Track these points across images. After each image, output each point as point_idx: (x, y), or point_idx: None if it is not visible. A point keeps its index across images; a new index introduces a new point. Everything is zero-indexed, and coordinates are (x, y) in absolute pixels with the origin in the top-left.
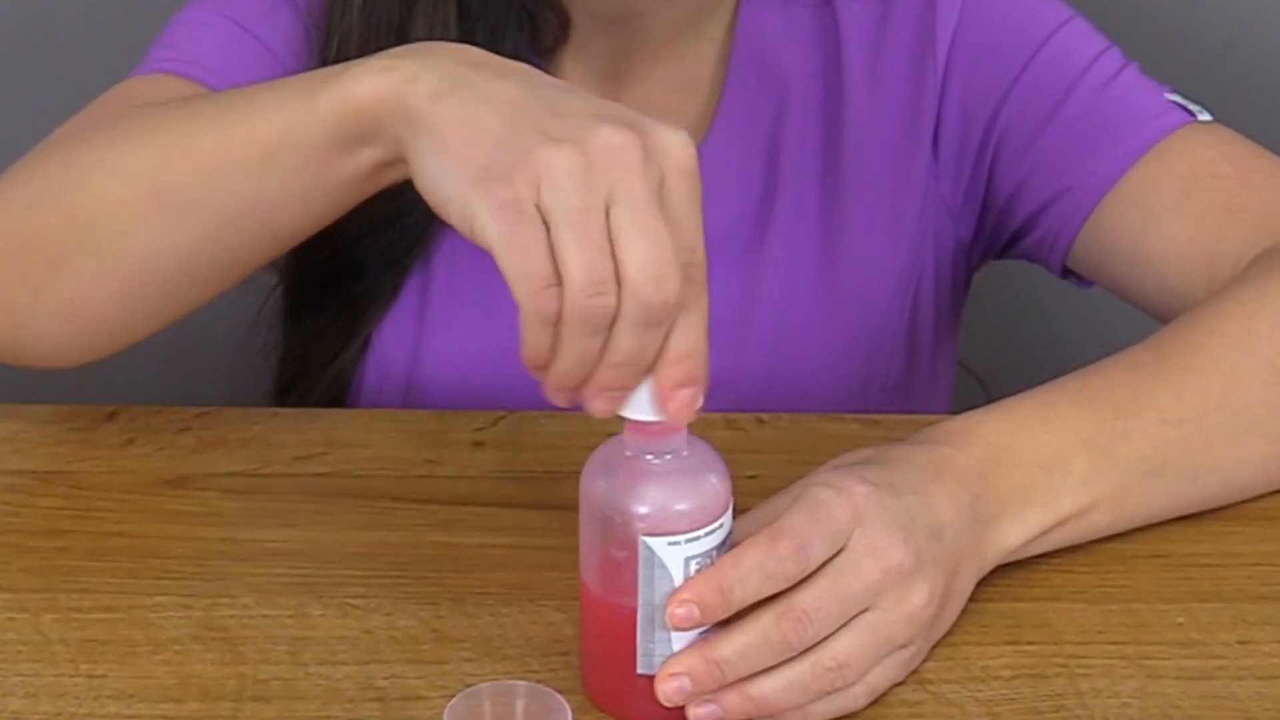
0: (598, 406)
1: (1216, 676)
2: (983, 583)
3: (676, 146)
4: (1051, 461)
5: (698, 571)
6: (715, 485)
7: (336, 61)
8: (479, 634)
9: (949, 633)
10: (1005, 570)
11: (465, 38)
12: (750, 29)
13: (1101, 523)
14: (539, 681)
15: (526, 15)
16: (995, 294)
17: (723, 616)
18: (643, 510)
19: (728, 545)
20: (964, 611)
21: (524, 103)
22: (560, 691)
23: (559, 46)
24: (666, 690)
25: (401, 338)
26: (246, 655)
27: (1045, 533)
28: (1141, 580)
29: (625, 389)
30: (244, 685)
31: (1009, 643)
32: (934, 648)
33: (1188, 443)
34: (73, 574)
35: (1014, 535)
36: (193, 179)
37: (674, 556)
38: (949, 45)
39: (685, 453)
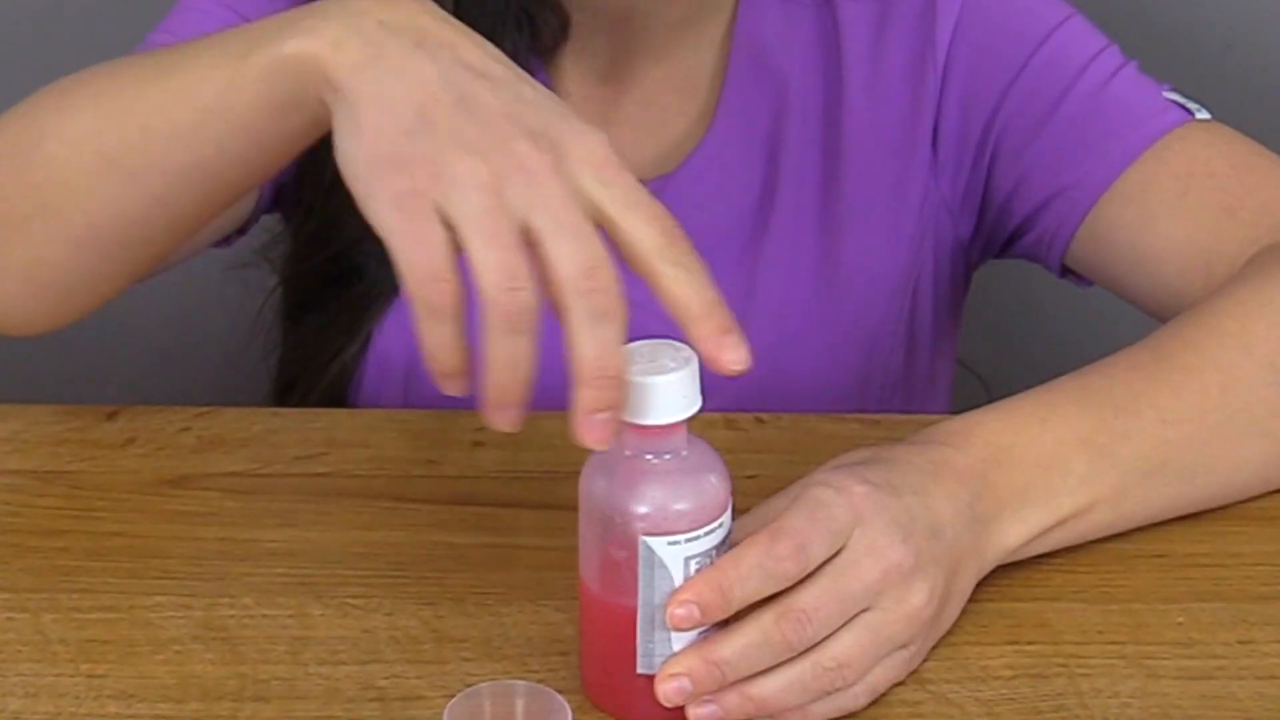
0: (587, 437)
1: (1217, 676)
2: (983, 583)
3: (591, 148)
4: (1051, 461)
5: (697, 571)
6: (715, 485)
7: None
8: (479, 634)
9: (949, 633)
10: (1005, 570)
11: None
12: (749, 28)
13: (1101, 522)
14: (539, 681)
15: (525, 16)
16: (995, 293)
17: (723, 616)
18: (642, 510)
19: (727, 545)
20: (964, 611)
21: (436, 86)
22: (560, 691)
23: (558, 47)
24: (666, 691)
25: (401, 336)
26: (246, 655)
27: (1045, 532)
28: (1141, 580)
29: (611, 406)
30: (244, 685)
31: (1009, 643)
32: (934, 648)
33: (1187, 442)
34: (73, 574)
35: (1014, 535)
36: (136, 143)
37: (674, 556)
38: (949, 44)
39: (685, 452)
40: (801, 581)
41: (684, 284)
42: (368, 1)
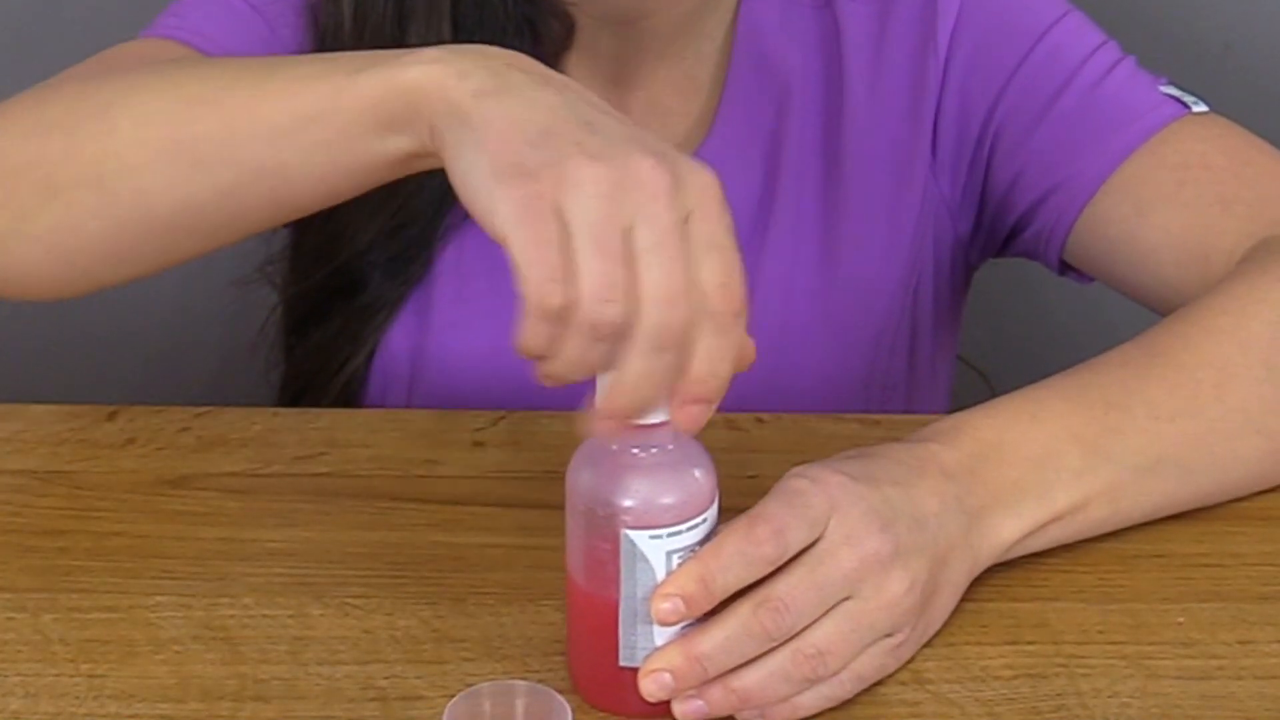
0: (602, 429)
1: (1216, 676)
2: (981, 582)
3: (705, 184)
4: (1043, 456)
5: (678, 565)
6: (700, 480)
7: None
8: (479, 634)
9: (948, 632)
10: (1005, 570)
11: None
12: (750, 28)
13: (1098, 518)
14: (539, 681)
15: (526, 23)
16: (996, 293)
17: (707, 608)
18: (626, 504)
19: (707, 540)
20: (964, 611)
21: (563, 112)
22: (560, 691)
23: (562, 53)
24: (649, 686)
25: (406, 344)
26: (246, 655)
27: (1041, 528)
28: (1141, 580)
29: (631, 416)
30: (244, 685)
31: (1009, 643)
32: (933, 647)
33: (1182, 438)
34: (73, 574)
35: (1008, 529)
36: (216, 134)
37: (656, 550)
38: (949, 42)
39: (670, 446)
40: (778, 571)
41: (706, 344)
42: (493, 49)
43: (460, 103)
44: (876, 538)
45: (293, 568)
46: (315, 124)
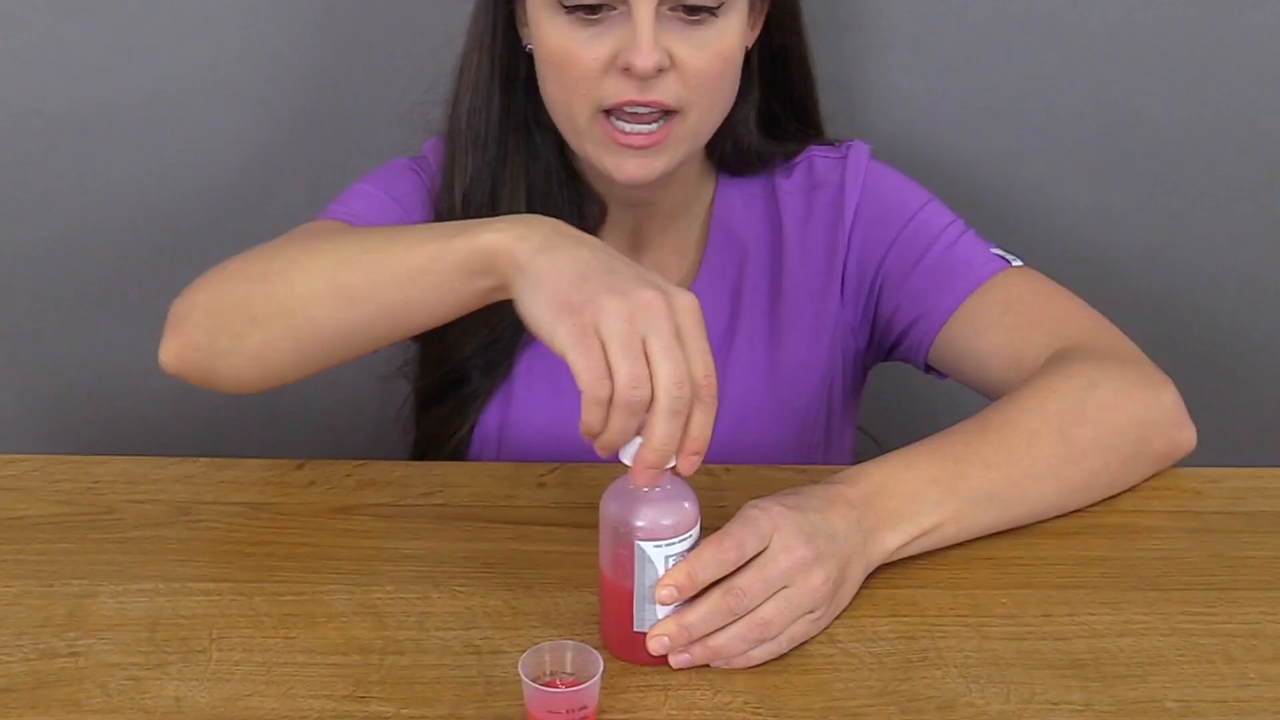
0: (640, 479)
1: (1027, 639)
2: (873, 576)
3: (688, 304)
4: (913, 493)
5: (673, 565)
6: (687, 509)
7: None
8: (542, 610)
9: (851, 609)
10: (888, 567)
11: None
12: (721, 212)
13: (949, 533)
14: (581, 641)
15: (575, 206)
16: (883, 384)
17: (692, 594)
18: (639, 524)
19: (695, 549)
20: (861, 596)
21: (594, 262)
22: (595, 648)
23: (599, 226)
24: (653, 645)
25: (495, 421)
26: (389, 624)
27: (912, 540)
28: (979, 575)
29: (660, 466)
30: (387, 644)
31: (891, 615)
32: (841, 619)
33: (1004, 481)
34: (274, 570)
35: (891, 541)
36: (361, 282)
37: (658, 555)
38: (851, 221)
39: (668, 486)
40: (738, 570)
41: (696, 416)
42: (543, 218)
43: (521, 258)
44: (804, 547)
45: (419, 566)
46: (426, 274)
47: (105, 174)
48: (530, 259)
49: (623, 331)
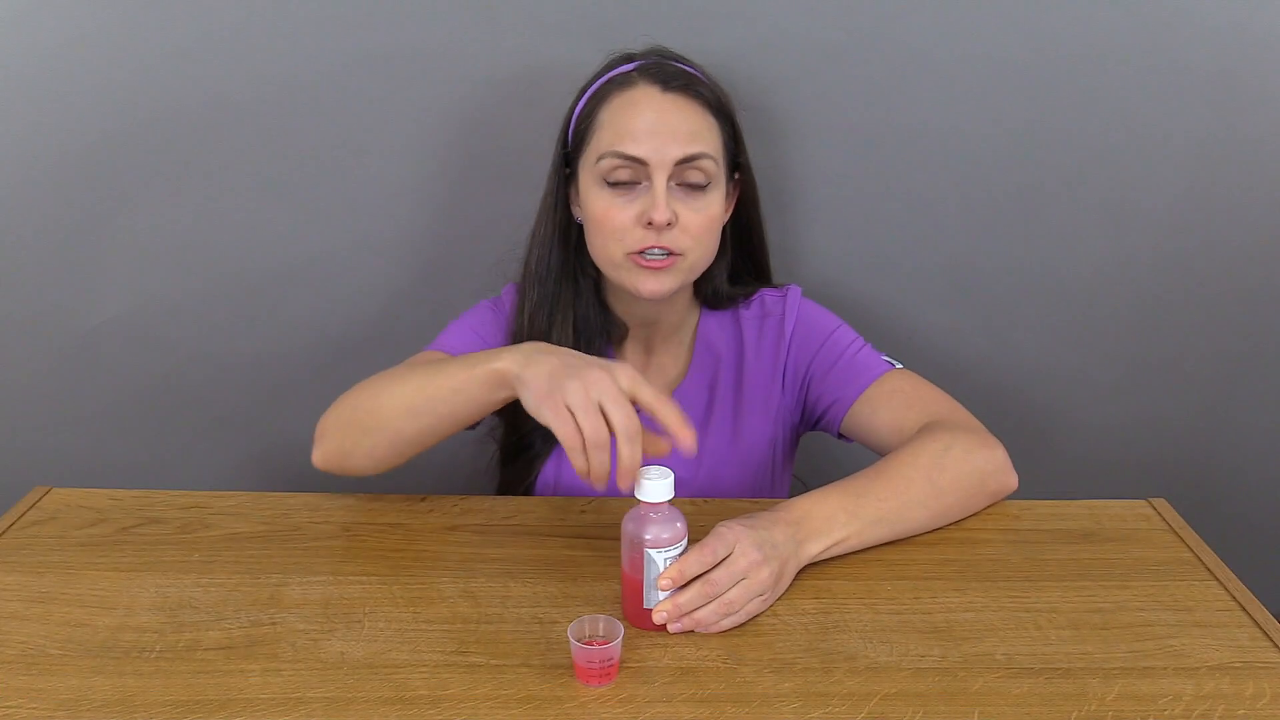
0: (625, 485)
1: (904, 613)
2: (802, 572)
3: (625, 372)
4: (828, 518)
5: (669, 564)
6: (679, 527)
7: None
8: (584, 593)
9: (787, 594)
10: (811, 567)
11: (577, 342)
12: (704, 331)
13: (853, 544)
14: (609, 614)
15: (605, 328)
16: (812, 447)
17: (682, 584)
18: (647, 537)
19: (683, 554)
20: (794, 585)
21: (559, 365)
22: (619, 619)
23: (622, 342)
24: (656, 618)
25: (552, 473)
26: (481, 603)
27: (827, 548)
28: (872, 571)
29: (634, 474)
30: (481, 617)
31: (814, 598)
32: (780, 601)
33: (890, 510)
34: (406, 568)
35: (814, 548)
36: (422, 401)
37: (659, 557)
38: (790, 337)
39: (666, 511)
40: (713, 568)
41: (668, 411)
42: (531, 344)
43: (517, 373)
44: (756, 553)
45: (502, 566)
46: (460, 392)
47: (298, 312)
48: (521, 372)
49: (581, 400)
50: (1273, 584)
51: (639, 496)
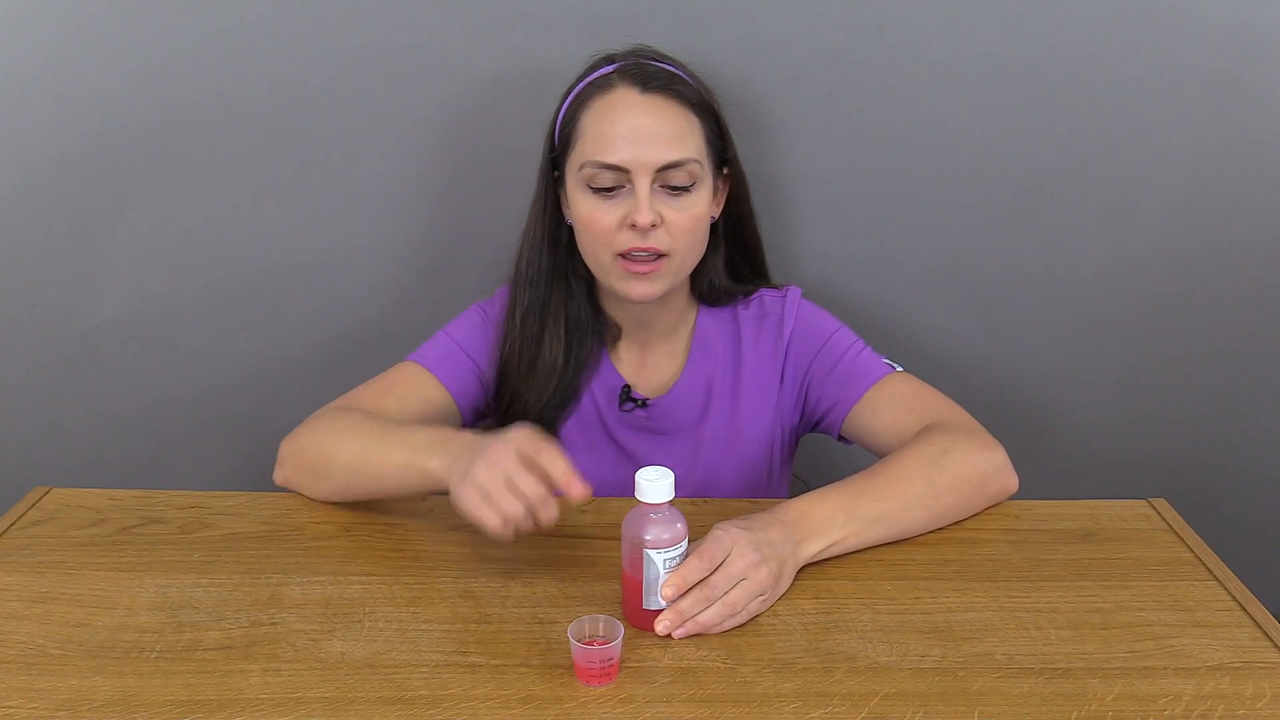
0: (573, 493)
1: (903, 613)
2: (801, 572)
3: (521, 434)
4: (826, 518)
5: (669, 567)
6: (679, 528)
7: (506, 362)
8: (583, 594)
9: (787, 594)
10: (811, 567)
11: (569, 344)
12: (701, 329)
13: (852, 544)
14: (609, 614)
15: (597, 330)
16: (811, 446)
17: (684, 590)
18: (647, 538)
19: (685, 554)
20: (793, 585)
21: (475, 459)
22: (619, 619)
23: (616, 342)
24: (660, 629)
25: None
26: (483, 601)
27: (826, 548)
28: (871, 571)
29: (551, 528)
30: (480, 616)
31: (813, 598)
32: (779, 602)
33: (889, 510)
34: (406, 568)
35: (812, 548)
36: (368, 468)
37: (658, 559)
38: (788, 338)
39: (666, 512)
40: (712, 572)
41: (555, 467)
42: (461, 443)
43: (443, 474)
44: (753, 554)
45: (502, 565)
46: (400, 476)
47: (299, 312)
48: (446, 473)
49: (488, 478)
50: (1273, 584)
51: (639, 498)
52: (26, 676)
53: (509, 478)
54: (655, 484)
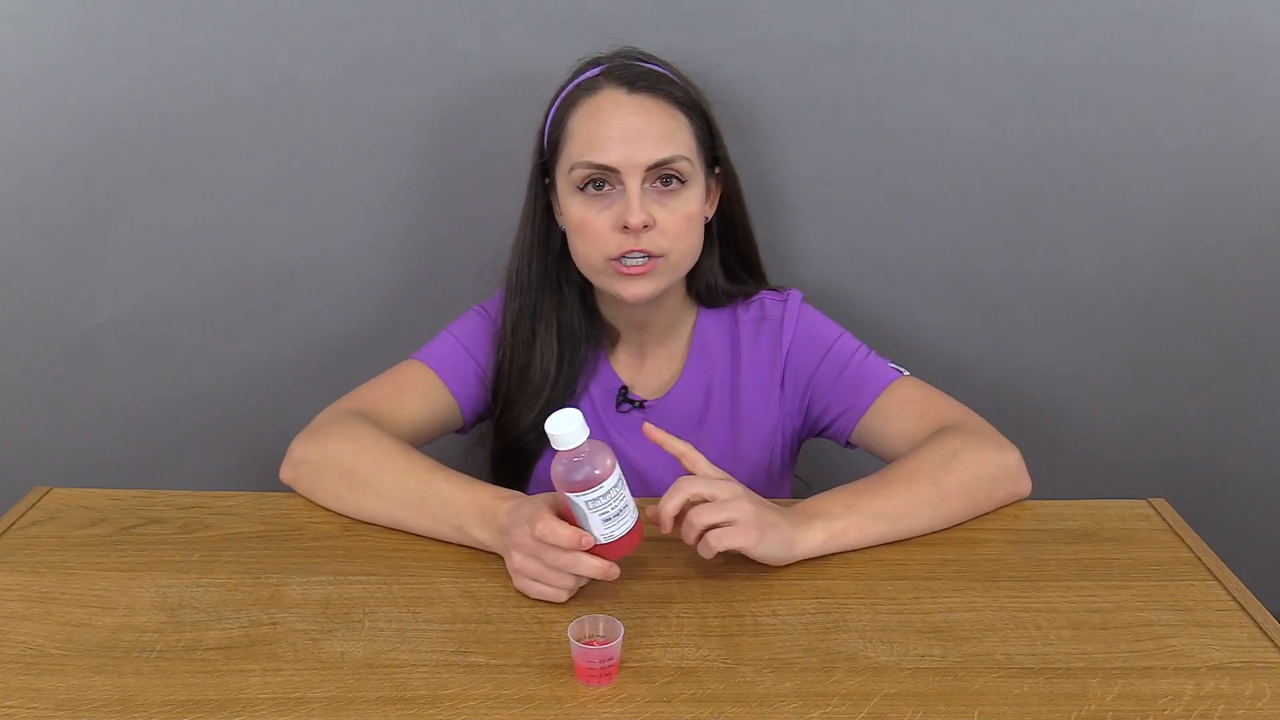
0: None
1: (903, 613)
2: (800, 570)
3: (529, 513)
4: (827, 507)
5: (589, 507)
6: (595, 472)
7: (503, 364)
8: (584, 594)
9: (786, 593)
10: (812, 564)
11: (562, 352)
12: (700, 332)
13: (854, 537)
14: (608, 614)
15: (593, 334)
16: (813, 452)
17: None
18: (570, 480)
19: (607, 494)
20: (793, 585)
21: (509, 531)
22: (618, 619)
23: (614, 346)
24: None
25: (544, 471)
26: (484, 602)
27: (825, 542)
28: (872, 571)
29: (605, 572)
30: (480, 616)
31: (814, 598)
32: (779, 599)
33: (892, 508)
34: (406, 567)
35: (812, 533)
36: (402, 515)
37: (577, 501)
38: (788, 345)
39: (585, 453)
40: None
41: (559, 539)
42: (484, 517)
43: (494, 545)
44: (747, 502)
45: (500, 564)
46: (438, 532)
47: (299, 312)
48: (497, 547)
49: (529, 569)
50: (1273, 584)
51: (555, 447)
52: (26, 676)
53: (542, 560)
54: (563, 432)
